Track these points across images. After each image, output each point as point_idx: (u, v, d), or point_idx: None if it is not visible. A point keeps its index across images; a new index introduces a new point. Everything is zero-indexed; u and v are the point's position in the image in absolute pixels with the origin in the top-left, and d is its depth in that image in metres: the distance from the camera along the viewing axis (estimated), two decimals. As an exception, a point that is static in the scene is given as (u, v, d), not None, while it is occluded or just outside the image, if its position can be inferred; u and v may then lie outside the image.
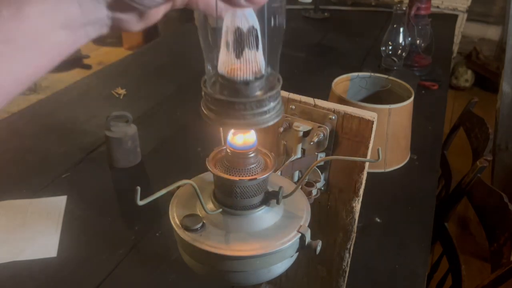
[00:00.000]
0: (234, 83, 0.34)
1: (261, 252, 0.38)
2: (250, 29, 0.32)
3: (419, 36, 1.54)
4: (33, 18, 0.27)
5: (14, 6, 0.26)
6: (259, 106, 0.34)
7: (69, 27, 0.29)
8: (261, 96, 0.34)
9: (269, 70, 0.35)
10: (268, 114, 0.35)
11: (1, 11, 0.26)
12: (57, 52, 0.29)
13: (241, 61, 0.33)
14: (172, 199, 0.43)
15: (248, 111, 0.34)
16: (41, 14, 0.27)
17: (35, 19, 0.27)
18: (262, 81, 0.34)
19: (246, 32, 0.32)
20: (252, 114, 0.34)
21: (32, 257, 0.79)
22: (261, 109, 0.34)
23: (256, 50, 0.33)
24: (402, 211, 0.96)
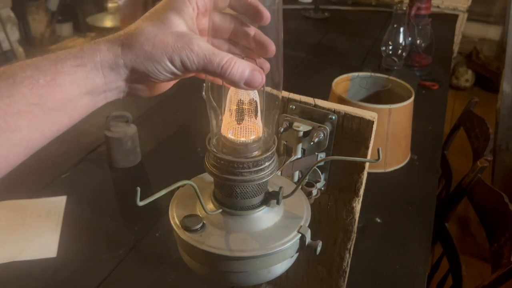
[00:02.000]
0: (234, 144, 0.38)
1: (261, 253, 0.38)
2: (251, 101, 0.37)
3: (419, 36, 1.54)
4: (64, 87, 0.32)
5: (50, 76, 0.31)
6: (256, 165, 0.38)
7: (92, 93, 0.33)
8: (258, 156, 0.38)
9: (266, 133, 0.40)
10: (263, 172, 0.39)
11: (38, 79, 0.31)
12: (78, 113, 0.34)
13: (241, 126, 0.38)
14: (172, 199, 0.43)
15: (246, 169, 0.38)
16: (71, 83, 0.32)
17: (66, 87, 0.32)
18: (260, 143, 0.39)
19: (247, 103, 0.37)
20: (249, 172, 0.38)
21: (32, 257, 0.79)
22: (258, 167, 0.38)
23: (255, 118, 0.38)
24: (402, 211, 0.96)
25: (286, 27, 0.37)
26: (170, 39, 0.32)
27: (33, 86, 0.31)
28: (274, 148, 0.40)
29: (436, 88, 1.49)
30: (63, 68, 0.32)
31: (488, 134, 1.25)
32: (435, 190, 1.04)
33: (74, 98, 0.33)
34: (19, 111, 0.31)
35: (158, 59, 0.33)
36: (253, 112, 0.38)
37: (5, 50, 3.15)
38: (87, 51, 0.33)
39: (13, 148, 0.32)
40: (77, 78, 0.32)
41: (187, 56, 0.32)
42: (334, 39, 1.91)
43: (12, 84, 0.30)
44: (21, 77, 0.31)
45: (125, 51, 0.33)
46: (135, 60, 0.33)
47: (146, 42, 0.32)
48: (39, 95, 0.31)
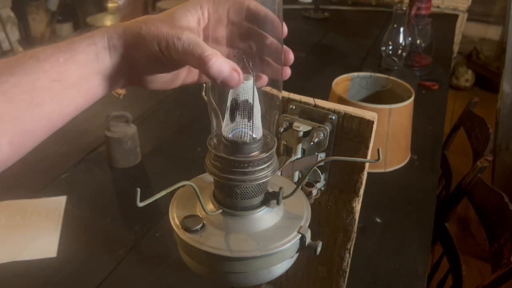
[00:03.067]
0: (234, 144, 0.39)
1: (261, 253, 0.38)
2: (250, 101, 0.37)
3: (419, 36, 1.54)
4: (80, 64, 0.35)
5: (68, 54, 0.35)
6: (256, 165, 0.39)
7: (103, 74, 0.37)
8: (258, 156, 0.39)
9: (266, 133, 0.41)
10: (263, 172, 0.39)
11: (59, 57, 0.35)
12: (92, 93, 0.37)
13: (242, 126, 0.38)
14: (172, 199, 0.43)
15: (246, 169, 0.38)
16: (85, 62, 0.35)
17: (81, 65, 0.35)
18: (259, 144, 0.39)
19: (247, 103, 0.37)
20: (249, 172, 0.38)
21: (32, 257, 0.79)
22: (258, 167, 0.39)
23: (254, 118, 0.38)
24: (402, 211, 0.96)
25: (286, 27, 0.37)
26: (164, 28, 0.35)
27: (54, 63, 0.34)
28: (274, 148, 0.40)
29: (436, 88, 1.48)
30: (78, 47, 0.35)
31: (488, 134, 1.24)
32: (435, 190, 1.04)
33: (88, 76, 0.36)
34: (42, 86, 0.34)
35: (148, 42, 0.35)
36: (253, 112, 0.38)
37: (5, 50, 3.15)
38: (97, 33, 0.37)
39: (38, 123, 0.34)
40: (90, 57, 0.36)
41: (173, 43, 0.35)
42: (334, 39, 1.91)
43: (36, 62, 0.34)
44: (44, 56, 0.34)
45: (125, 32, 0.36)
46: (131, 40, 0.36)
47: (144, 27, 0.36)
48: (59, 72, 0.34)
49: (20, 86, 0.33)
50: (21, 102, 0.33)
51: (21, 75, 0.33)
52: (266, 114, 0.40)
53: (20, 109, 0.33)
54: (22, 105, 0.33)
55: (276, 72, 0.41)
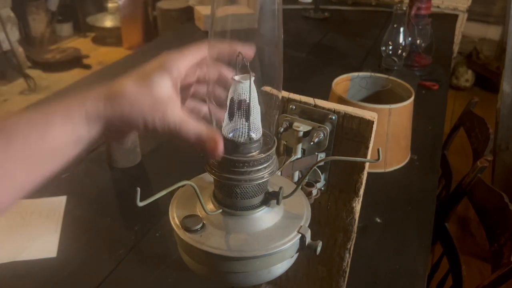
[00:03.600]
0: (234, 144, 0.39)
1: (261, 253, 0.38)
2: (250, 101, 0.37)
3: (419, 36, 1.54)
4: (54, 138, 0.35)
5: (41, 130, 0.34)
6: (256, 165, 0.39)
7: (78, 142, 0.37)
8: (258, 156, 0.39)
9: (265, 133, 0.41)
10: (263, 172, 0.39)
11: (30, 134, 0.34)
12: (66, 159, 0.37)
13: (241, 126, 0.38)
14: (172, 199, 0.43)
15: (246, 169, 0.39)
16: (60, 135, 0.35)
17: (56, 139, 0.35)
18: (259, 144, 0.40)
19: (247, 103, 0.37)
20: (249, 172, 0.39)
21: (32, 257, 0.79)
22: (257, 167, 0.39)
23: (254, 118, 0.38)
24: (402, 211, 0.96)
25: (286, 27, 0.37)
26: (148, 103, 0.36)
27: (25, 140, 0.34)
28: (274, 148, 0.40)
29: (436, 88, 1.48)
30: (53, 121, 0.35)
31: (488, 134, 1.24)
32: (435, 190, 1.04)
33: (63, 147, 0.36)
34: (14, 161, 0.34)
35: (134, 119, 0.36)
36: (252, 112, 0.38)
37: (5, 50, 3.15)
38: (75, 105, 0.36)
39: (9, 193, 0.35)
40: (66, 130, 0.35)
41: (160, 121, 0.36)
42: (334, 39, 1.91)
43: (7, 140, 0.34)
44: (15, 133, 0.34)
45: (107, 109, 0.36)
46: (113, 117, 0.36)
47: (126, 103, 0.36)
48: (31, 148, 0.34)
49: None
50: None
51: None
52: (266, 114, 0.40)
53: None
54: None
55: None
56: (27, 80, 3.11)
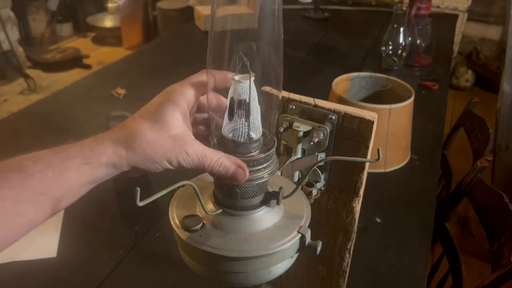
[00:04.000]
0: (234, 144, 0.39)
1: (261, 253, 0.38)
2: (250, 102, 0.38)
3: (419, 36, 1.54)
4: (69, 180, 0.36)
5: (58, 171, 0.35)
6: (256, 165, 0.39)
7: (93, 183, 0.38)
8: (257, 155, 0.39)
9: (265, 133, 0.41)
10: (263, 172, 0.39)
11: (47, 173, 0.35)
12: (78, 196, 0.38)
13: (241, 126, 0.39)
14: (172, 199, 0.43)
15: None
16: (76, 177, 0.36)
17: (71, 180, 0.36)
18: (259, 143, 0.40)
19: (246, 104, 0.38)
20: (252, 171, 0.39)
21: (32, 257, 0.79)
22: (257, 167, 0.39)
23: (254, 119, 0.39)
24: (402, 211, 0.96)
25: (286, 27, 0.37)
26: (168, 144, 0.37)
27: (42, 179, 0.35)
28: (274, 148, 0.40)
29: (436, 88, 1.48)
30: (70, 165, 0.36)
31: (488, 134, 1.24)
32: (435, 190, 1.04)
33: (77, 188, 0.37)
34: (27, 199, 0.35)
35: (158, 161, 0.37)
36: (252, 112, 0.38)
37: (5, 50, 3.15)
38: (94, 151, 0.37)
39: (18, 231, 0.36)
40: (83, 173, 0.36)
41: (183, 159, 0.37)
42: (334, 39, 1.91)
43: (24, 177, 0.35)
44: (32, 171, 0.35)
45: (129, 154, 0.37)
46: (137, 162, 0.37)
47: (148, 147, 0.37)
48: (46, 187, 0.35)
49: (4, 198, 0.34)
50: (4, 212, 0.34)
51: (5, 190, 0.34)
52: (266, 114, 0.40)
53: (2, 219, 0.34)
54: (4, 215, 0.34)
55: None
56: (27, 80, 3.11)
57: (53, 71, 3.36)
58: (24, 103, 2.86)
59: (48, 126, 1.17)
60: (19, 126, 1.19)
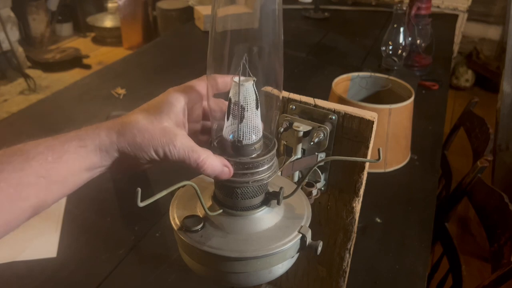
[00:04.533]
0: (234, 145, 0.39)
1: (262, 253, 0.38)
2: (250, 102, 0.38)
3: (419, 36, 1.54)
4: (68, 163, 0.37)
5: (57, 153, 0.37)
6: (256, 166, 0.39)
7: (90, 169, 0.39)
8: (258, 157, 0.39)
9: (266, 134, 0.41)
10: (264, 174, 0.39)
11: (48, 156, 0.36)
12: (77, 185, 0.39)
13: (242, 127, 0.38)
14: (172, 199, 0.43)
15: (246, 170, 0.39)
16: (74, 160, 0.37)
17: (70, 163, 0.37)
18: (259, 145, 0.40)
19: (243, 106, 0.38)
20: (249, 173, 0.39)
21: (32, 257, 0.79)
22: (258, 168, 0.39)
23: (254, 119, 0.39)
24: (402, 211, 0.96)
25: (286, 27, 0.37)
26: (157, 133, 0.38)
27: (43, 161, 0.36)
28: (274, 149, 0.40)
29: (436, 88, 1.48)
30: (69, 147, 0.37)
31: (488, 134, 1.25)
32: (435, 190, 1.04)
33: (75, 173, 0.38)
34: (29, 182, 0.35)
35: (145, 149, 0.38)
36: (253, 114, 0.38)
37: (5, 50, 3.15)
38: (89, 134, 0.38)
39: (19, 215, 0.36)
40: (80, 156, 0.38)
41: (170, 150, 0.38)
42: (334, 39, 1.91)
43: (25, 160, 0.36)
44: (33, 153, 0.36)
45: (119, 138, 0.38)
46: (126, 147, 0.38)
47: (138, 134, 0.38)
48: (47, 169, 0.36)
49: (7, 181, 0.35)
50: (6, 196, 0.34)
51: (9, 172, 0.35)
52: (266, 114, 0.40)
53: (5, 203, 0.35)
54: (8, 199, 0.35)
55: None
56: (27, 80, 3.11)
57: (53, 71, 3.36)
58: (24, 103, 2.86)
59: (48, 126, 1.17)
60: (19, 126, 1.19)
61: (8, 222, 0.36)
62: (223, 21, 0.39)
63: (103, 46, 3.90)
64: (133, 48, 3.60)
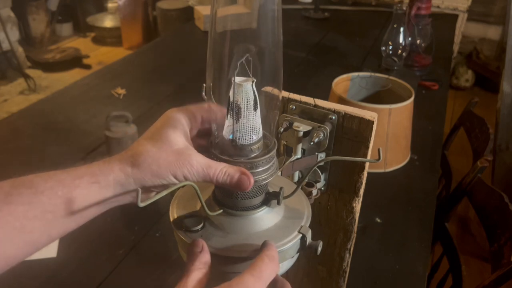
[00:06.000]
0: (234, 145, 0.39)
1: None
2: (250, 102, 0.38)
3: (419, 36, 1.54)
4: (78, 199, 0.36)
5: (67, 189, 0.36)
6: (256, 166, 0.39)
7: (101, 204, 0.38)
8: (258, 158, 0.39)
9: (266, 135, 0.41)
10: (264, 174, 0.39)
11: (57, 191, 0.36)
12: (85, 220, 0.39)
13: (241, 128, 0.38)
14: (172, 199, 0.43)
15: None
16: (85, 196, 0.37)
17: (80, 199, 0.36)
18: (260, 145, 0.40)
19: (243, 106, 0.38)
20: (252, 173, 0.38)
21: (32, 257, 0.79)
22: (258, 169, 0.39)
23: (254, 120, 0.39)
24: (402, 211, 0.96)
25: (286, 27, 0.37)
26: (172, 158, 0.38)
27: (52, 196, 0.35)
28: (274, 150, 0.40)
29: (436, 88, 1.48)
30: (80, 183, 0.36)
31: (488, 134, 1.25)
32: (435, 190, 1.04)
33: (85, 209, 0.37)
34: (35, 216, 0.35)
35: (164, 176, 0.37)
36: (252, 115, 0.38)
37: (5, 50, 3.15)
38: (102, 170, 0.38)
39: (23, 248, 0.36)
40: (91, 192, 0.37)
41: (189, 171, 0.38)
42: (334, 39, 1.91)
43: (34, 193, 0.35)
44: (43, 187, 0.36)
45: (134, 171, 0.37)
46: (143, 178, 0.38)
47: (152, 162, 0.37)
48: (55, 204, 0.36)
49: (13, 215, 0.34)
50: (12, 229, 0.34)
51: (16, 205, 0.34)
52: (266, 114, 0.40)
53: (10, 236, 0.34)
54: (12, 232, 0.34)
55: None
56: (27, 80, 3.11)
57: (53, 71, 3.36)
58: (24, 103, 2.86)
59: (48, 126, 1.17)
60: (19, 126, 1.19)
61: (10, 256, 0.35)
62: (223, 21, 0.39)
63: (103, 46, 3.90)
64: (133, 48, 3.60)
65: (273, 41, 0.39)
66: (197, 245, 0.37)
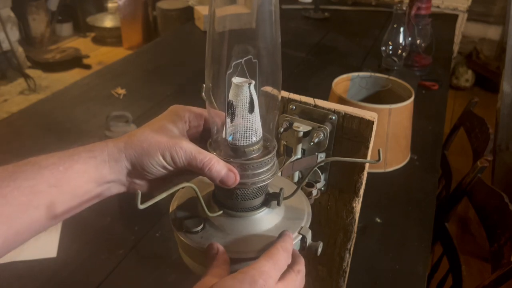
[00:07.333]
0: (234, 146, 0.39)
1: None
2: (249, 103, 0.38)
3: (419, 36, 1.54)
4: (78, 174, 0.38)
5: (68, 164, 0.38)
6: (256, 168, 0.39)
7: (99, 182, 0.39)
8: (258, 159, 0.39)
9: (265, 136, 0.41)
10: (264, 175, 0.39)
11: (59, 166, 0.37)
12: (86, 199, 0.39)
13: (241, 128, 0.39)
14: (172, 200, 0.43)
15: (246, 172, 0.39)
16: (84, 171, 0.38)
17: (80, 174, 0.38)
18: (260, 146, 0.40)
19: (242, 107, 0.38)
20: (249, 174, 0.39)
21: (32, 257, 0.79)
22: (258, 170, 0.39)
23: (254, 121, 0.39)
24: (402, 211, 0.96)
25: (286, 27, 0.37)
26: (163, 139, 0.39)
27: (54, 171, 0.37)
28: (274, 151, 0.40)
29: (436, 88, 1.48)
30: (79, 158, 0.39)
31: (488, 134, 1.24)
32: (435, 190, 1.04)
33: (85, 184, 0.38)
34: (40, 190, 0.36)
35: (152, 154, 0.39)
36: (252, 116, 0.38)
37: (5, 50, 3.15)
38: (97, 147, 0.40)
39: (30, 224, 0.37)
40: (89, 167, 0.38)
41: (176, 152, 0.39)
42: (334, 39, 1.91)
43: (38, 169, 0.37)
44: (45, 163, 0.37)
45: (127, 147, 0.39)
46: (133, 155, 0.39)
47: (144, 140, 0.39)
48: (58, 179, 0.37)
49: (20, 190, 0.35)
50: (19, 204, 0.35)
51: (21, 181, 0.36)
52: (266, 114, 0.40)
53: (17, 211, 0.35)
54: (20, 207, 0.35)
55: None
56: (27, 80, 3.11)
57: (53, 71, 3.36)
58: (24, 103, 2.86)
59: (48, 126, 1.17)
60: (19, 126, 1.19)
61: (19, 232, 0.36)
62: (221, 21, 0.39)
63: (103, 46, 3.90)
64: (133, 48, 3.59)
65: (271, 41, 0.39)
66: (213, 248, 0.37)
